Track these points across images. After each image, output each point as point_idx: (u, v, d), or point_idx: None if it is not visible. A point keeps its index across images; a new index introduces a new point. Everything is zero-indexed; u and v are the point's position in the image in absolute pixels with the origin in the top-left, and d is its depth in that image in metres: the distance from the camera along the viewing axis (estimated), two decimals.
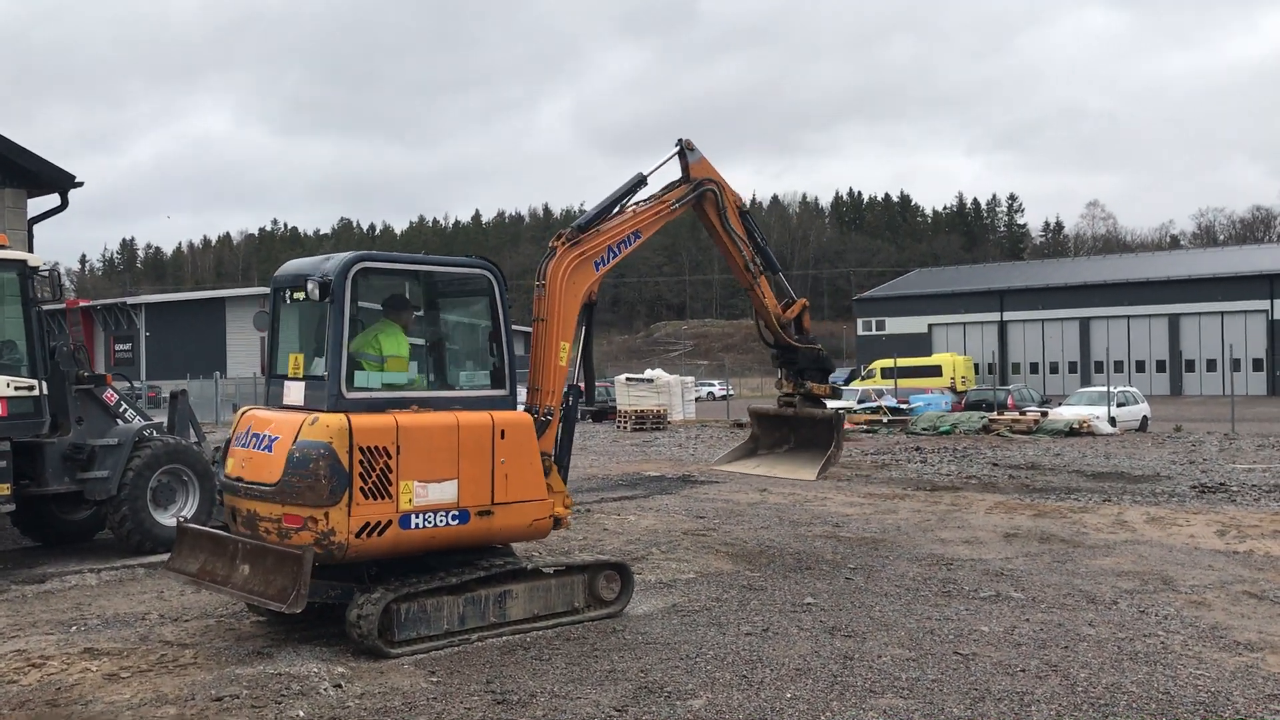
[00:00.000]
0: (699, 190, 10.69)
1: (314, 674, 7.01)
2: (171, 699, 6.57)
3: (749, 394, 71.25)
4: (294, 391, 8.01)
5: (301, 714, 6.27)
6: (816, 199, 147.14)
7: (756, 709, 6.37)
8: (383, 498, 7.49)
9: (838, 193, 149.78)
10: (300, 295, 7.95)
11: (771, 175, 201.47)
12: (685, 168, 10.68)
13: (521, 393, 8.87)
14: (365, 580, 7.82)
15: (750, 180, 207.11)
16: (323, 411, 7.53)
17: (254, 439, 7.84)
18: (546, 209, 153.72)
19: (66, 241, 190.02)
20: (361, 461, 7.39)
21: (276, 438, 7.61)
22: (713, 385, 68.04)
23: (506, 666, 7.26)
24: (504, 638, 7.98)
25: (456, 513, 7.87)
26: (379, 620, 7.41)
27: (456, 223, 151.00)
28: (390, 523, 7.54)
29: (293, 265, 8.45)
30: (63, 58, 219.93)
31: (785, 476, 11.96)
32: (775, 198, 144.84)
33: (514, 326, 8.77)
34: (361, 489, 7.39)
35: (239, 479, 7.88)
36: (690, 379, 45.11)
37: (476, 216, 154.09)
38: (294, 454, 7.36)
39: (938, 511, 14.62)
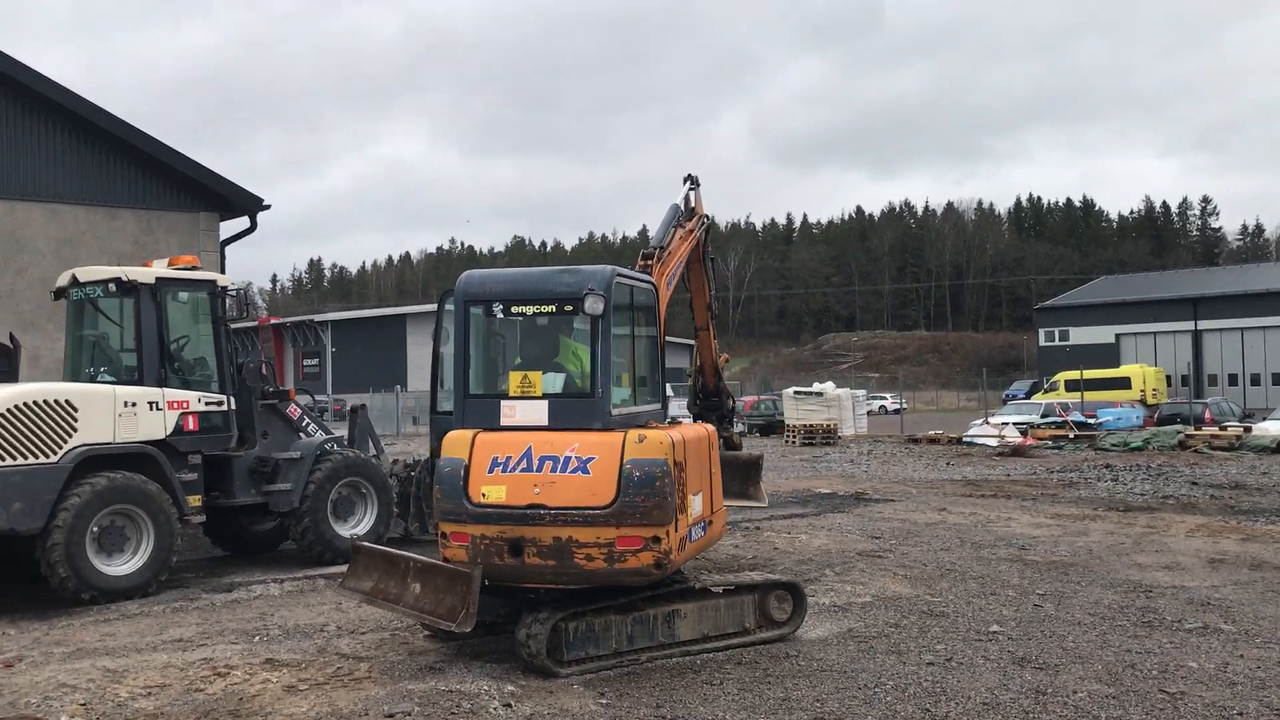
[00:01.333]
0: (706, 224, 11.66)
1: (484, 692, 6.96)
2: (346, 714, 6.61)
3: (923, 408, 69.40)
4: (526, 410, 7.67)
5: None
6: (993, 205, 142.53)
7: None
8: (684, 513, 7.55)
9: (1017, 199, 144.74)
10: (527, 310, 7.89)
11: (952, 182, 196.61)
12: (696, 201, 11.55)
13: None
14: (532, 600, 7.77)
15: (929, 188, 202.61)
16: (594, 430, 7.48)
17: (548, 462, 7.35)
18: (713, 222, 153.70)
19: (262, 261, 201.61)
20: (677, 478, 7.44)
21: (591, 458, 7.28)
22: (884, 399, 66.42)
23: (676, 690, 7.06)
24: (673, 659, 7.78)
25: (703, 524, 8.00)
26: (547, 639, 7.32)
27: (624, 238, 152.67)
28: (686, 537, 7.61)
29: (511, 278, 8.10)
30: (267, 88, 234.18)
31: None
32: (950, 204, 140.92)
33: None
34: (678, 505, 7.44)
35: (538, 506, 7.26)
36: (861, 392, 44.13)
37: (643, 231, 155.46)
38: (633, 474, 7.16)
39: (1133, 534, 13.70)
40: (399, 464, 14.24)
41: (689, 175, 11.55)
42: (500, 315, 8.03)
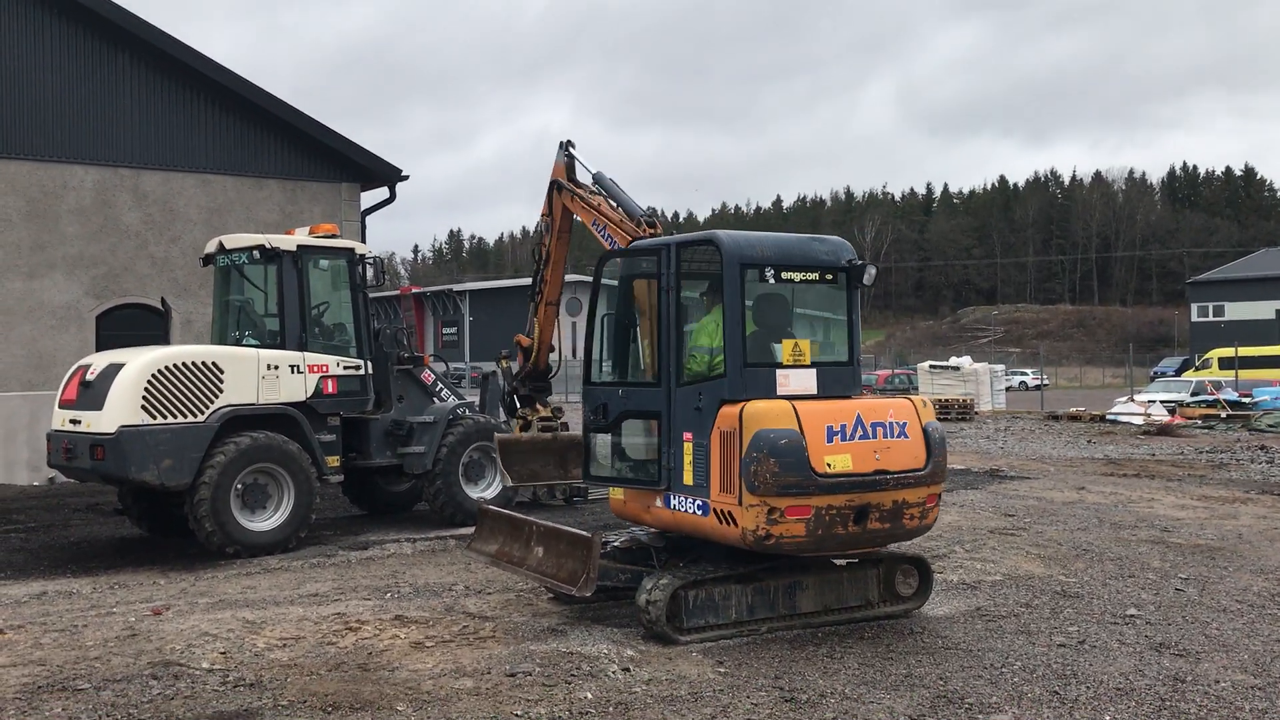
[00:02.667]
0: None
1: (604, 655, 7.03)
2: (469, 671, 6.76)
3: (1065, 384, 67.15)
4: (799, 379, 7.53)
5: (589, 696, 6.27)
6: (1144, 175, 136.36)
7: None
8: None
9: (1170, 168, 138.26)
10: (796, 276, 7.70)
11: (1108, 150, 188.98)
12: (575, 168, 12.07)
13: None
14: (655, 566, 7.80)
15: (1082, 157, 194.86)
16: (854, 398, 7.68)
17: (879, 429, 7.37)
18: (848, 192, 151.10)
19: (405, 232, 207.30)
20: None
21: (904, 423, 7.53)
22: (1025, 374, 64.46)
23: (796, 662, 6.99)
24: (794, 631, 7.72)
25: None
26: (667, 606, 7.34)
27: (758, 208, 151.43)
28: None
29: (775, 243, 7.78)
30: (422, 64, 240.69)
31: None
32: (1099, 174, 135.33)
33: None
34: None
35: (882, 473, 7.29)
36: (1000, 367, 42.85)
37: (778, 201, 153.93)
38: (934, 436, 7.60)
39: None
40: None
41: (569, 140, 12.08)
42: (772, 281, 7.68)
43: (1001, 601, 8.73)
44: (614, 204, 10.71)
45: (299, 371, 11.46)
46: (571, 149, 11.90)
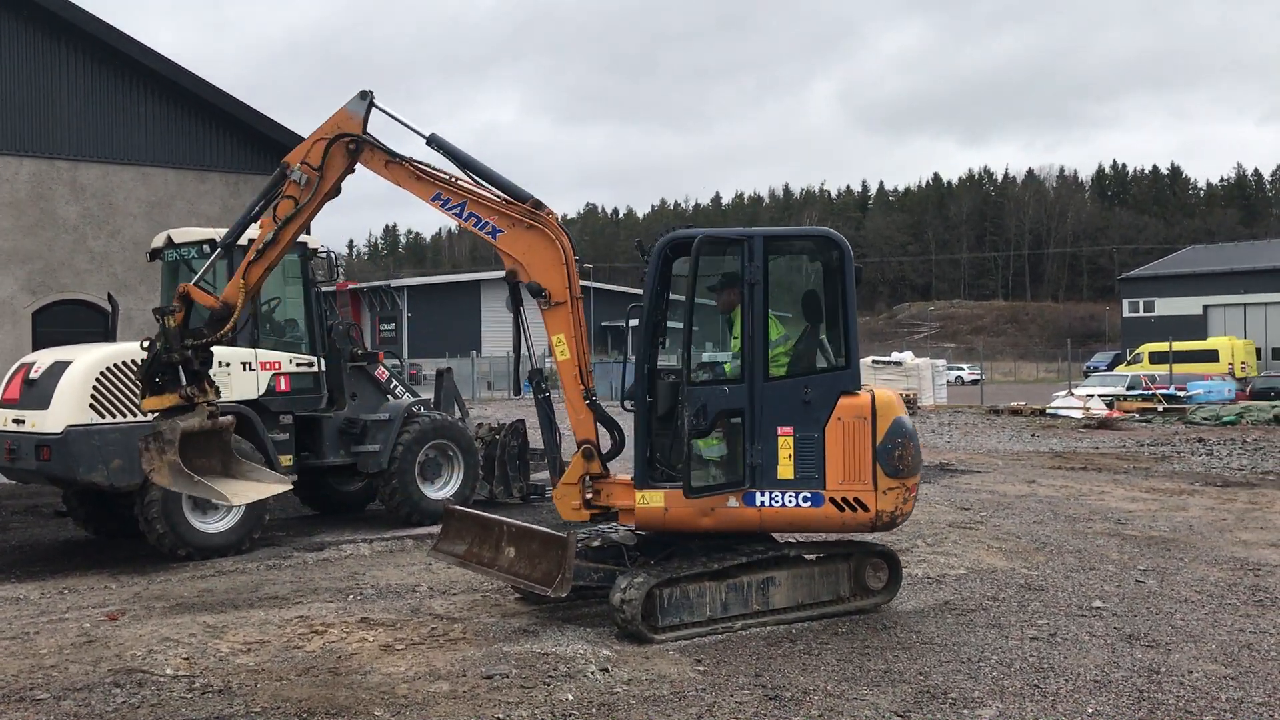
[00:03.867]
0: None
1: (580, 655, 6.92)
2: (444, 674, 6.62)
3: (1001, 379, 68.24)
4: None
5: (570, 697, 6.17)
6: (1076, 172, 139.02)
7: None
8: None
9: (1099, 166, 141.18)
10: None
11: (1044, 148, 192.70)
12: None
13: None
14: (626, 564, 7.71)
15: (1017, 156, 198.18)
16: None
17: None
18: (786, 189, 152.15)
19: (340, 227, 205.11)
20: None
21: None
22: (961, 369, 65.36)
23: (775, 659, 6.94)
24: (768, 627, 7.68)
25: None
26: (642, 605, 7.25)
27: (696, 205, 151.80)
28: None
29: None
30: (369, 58, 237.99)
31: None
32: (1031, 172, 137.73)
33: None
34: None
35: None
36: (941, 362, 43.41)
37: (716, 198, 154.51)
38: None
39: (1234, 510, 13.25)
40: (483, 427, 14.28)
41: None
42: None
43: (969, 595, 8.78)
44: (475, 179, 8.24)
45: (251, 369, 11.19)
46: (375, 102, 8.38)
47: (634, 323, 8.04)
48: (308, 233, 17.83)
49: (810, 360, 7.94)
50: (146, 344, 8.21)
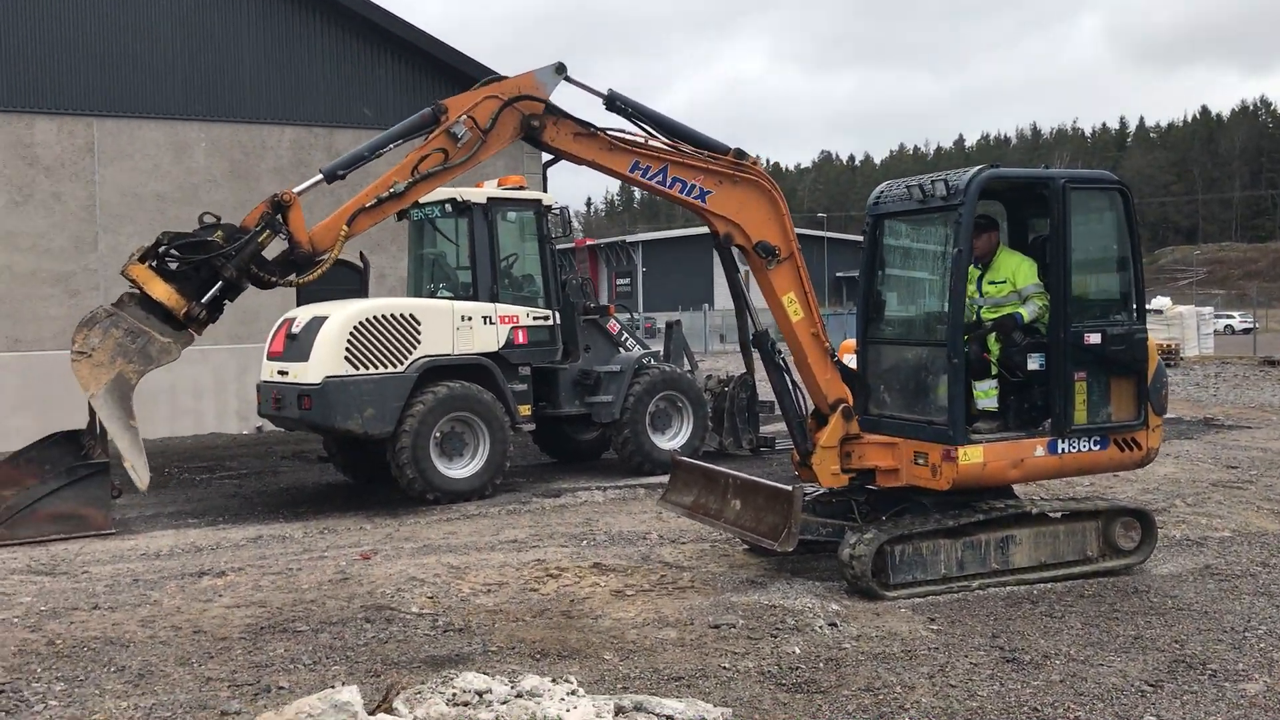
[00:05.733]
0: None
1: (808, 609, 6.84)
2: (672, 621, 6.68)
3: (1277, 327, 62.64)
4: None
5: (797, 650, 6.10)
6: None
7: None
8: None
9: None
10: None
11: None
12: None
13: None
14: (857, 519, 7.54)
15: None
16: None
17: None
18: (1035, 129, 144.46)
19: (578, 185, 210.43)
20: None
21: None
22: (1232, 317, 60.39)
23: (1013, 620, 6.64)
24: (1007, 587, 7.35)
25: None
26: (873, 561, 7.08)
27: (938, 148, 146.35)
28: None
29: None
30: (619, 17, 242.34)
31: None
32: None
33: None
34: None
35: None
36: (1207, 310, 40.22)
37: (959, 141, 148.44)
38: None
39: None
40: (713, 379, 14.32)
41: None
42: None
43: (1234, 559, 8.12)
44: (669, 138, 7.61)
45: (491, 322, 11.60)
46: (569, 75, 7.69)
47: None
48: (543, 189, 18.33)
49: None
50: (209, 219, 6.99)
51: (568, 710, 4.14)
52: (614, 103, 7.54)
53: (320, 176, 7.47)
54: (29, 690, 5.55)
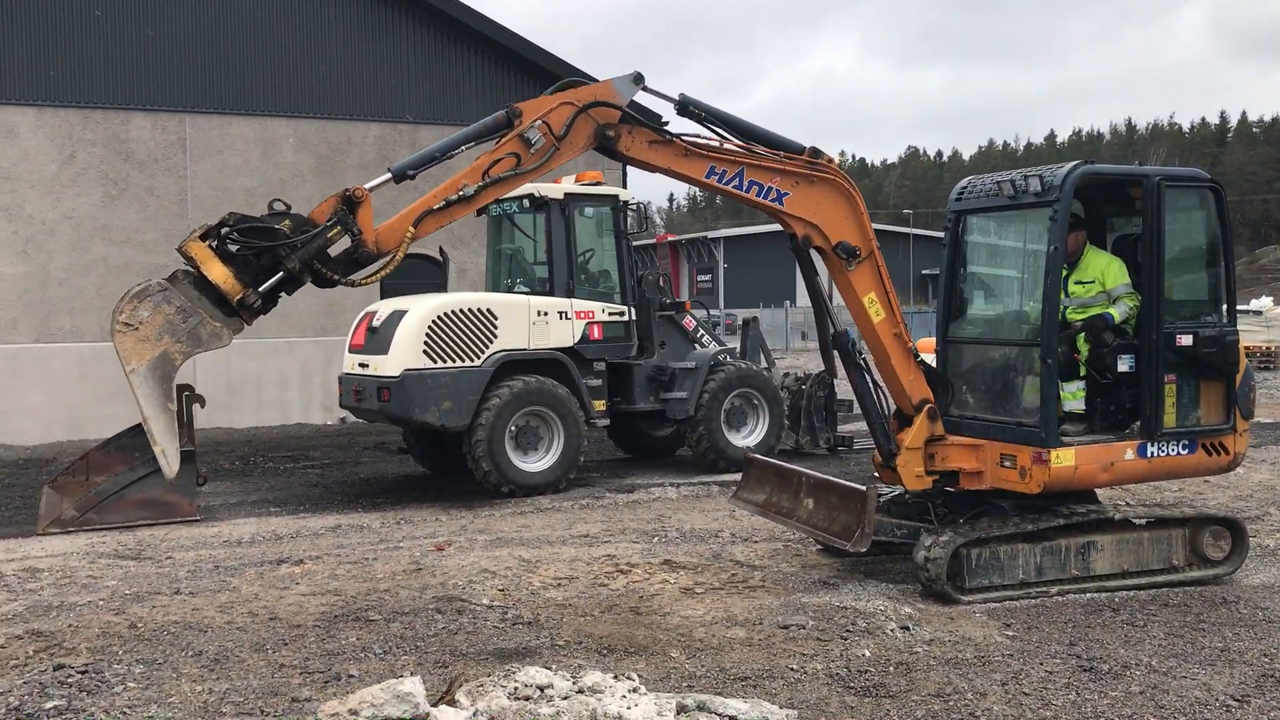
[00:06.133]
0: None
1: (880, 611, 6.73)
2: (740, 620, 6.63)
3: None
4: None
5: (867, 653, 6.01)
6: None
7: None
8: None
9: None
10: None
11: None
12: None
13: None
14: (934, 522, 7.41)
15: None
16: None
17: None
18: (1129, 124, 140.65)
19: (661, 181, 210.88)
20: None
21: None
22: None
23: (1093, 629, 6.46)
24: (1087, 594, 7.16)
25: None
26: (948, 564, 6.94)
27: (1028, 144, 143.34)
28: None
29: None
30: (707, 12, 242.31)
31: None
32: None
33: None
34: None
35: None
36: None
37: (1050, 137, 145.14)
38: None
39: None
40: (790, 377, 14.20)
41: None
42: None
43: None
44: (743, 140, 7.44)
45: (567, 317, 11.65)
46: (646, 85, 7.53)
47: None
48: (622, 185, 18.35)
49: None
50: (279, 205, 6.82)
51: (629, 708, 4.12)
52: (686, 107, 7.39)
53: (389, 175, 7.35)
54: (110, 672, 5.71)
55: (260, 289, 6.62)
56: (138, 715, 5.12)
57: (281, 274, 6.64)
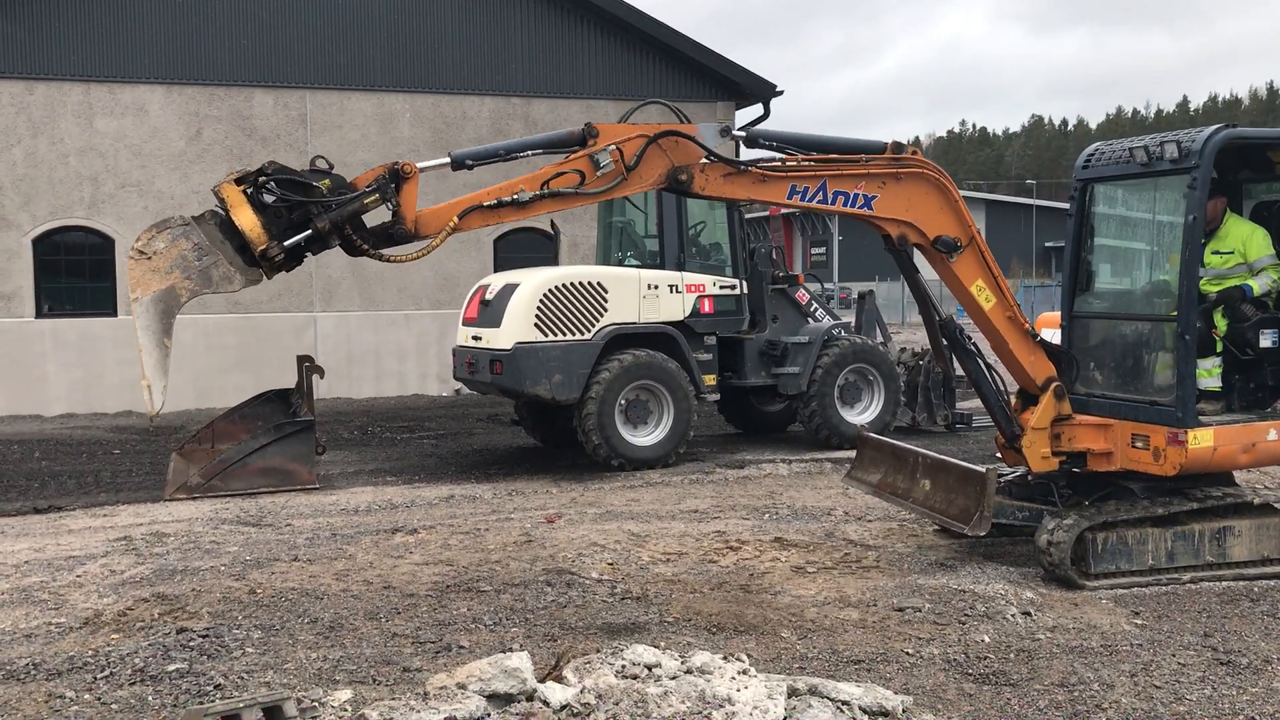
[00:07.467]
0: None
1: (1000, 596, 6.51)
2: (854, 601, 6.48)
3: None
4: None
5: (987, 639, 5.80)
6: None
7: None
8: None
9: None
10: None
11: None
12: None
13: None
14: (1057, 504, 7.12)
15: None
16: None
17: None
18: (1271, 88, 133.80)
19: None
20: None
21: None
22: None
23: (1229, 619, 6.13)
24: (1223, 582, 6.81)
25: None
26: (1072, 548, 6.67)
27: (1159, 110, 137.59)
28: None
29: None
30: None
31: None
32: None
33: None
34: None
35: None
36: None
37: (1183, 103, 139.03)
38: None
39: None
40: (907, 353, 13.87)
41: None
42: None
43: None
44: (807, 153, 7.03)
45: (677, 291, 11.55)
46: (734, 133, 7.05)
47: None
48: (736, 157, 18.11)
49: None
50: (321, 164, 6.55)
51: (738, 690, 4.03)
52: (754, 140, 7.08)
53: (447, 160, 7.08)
54: (229, 636, 5.85)
55: (285, 243, 6.32)
56: (254, 680, 5.23)
57: (310, 231, 6.38)
